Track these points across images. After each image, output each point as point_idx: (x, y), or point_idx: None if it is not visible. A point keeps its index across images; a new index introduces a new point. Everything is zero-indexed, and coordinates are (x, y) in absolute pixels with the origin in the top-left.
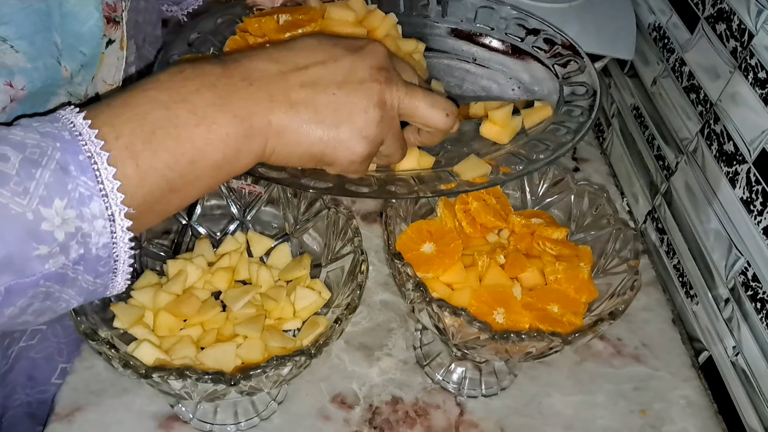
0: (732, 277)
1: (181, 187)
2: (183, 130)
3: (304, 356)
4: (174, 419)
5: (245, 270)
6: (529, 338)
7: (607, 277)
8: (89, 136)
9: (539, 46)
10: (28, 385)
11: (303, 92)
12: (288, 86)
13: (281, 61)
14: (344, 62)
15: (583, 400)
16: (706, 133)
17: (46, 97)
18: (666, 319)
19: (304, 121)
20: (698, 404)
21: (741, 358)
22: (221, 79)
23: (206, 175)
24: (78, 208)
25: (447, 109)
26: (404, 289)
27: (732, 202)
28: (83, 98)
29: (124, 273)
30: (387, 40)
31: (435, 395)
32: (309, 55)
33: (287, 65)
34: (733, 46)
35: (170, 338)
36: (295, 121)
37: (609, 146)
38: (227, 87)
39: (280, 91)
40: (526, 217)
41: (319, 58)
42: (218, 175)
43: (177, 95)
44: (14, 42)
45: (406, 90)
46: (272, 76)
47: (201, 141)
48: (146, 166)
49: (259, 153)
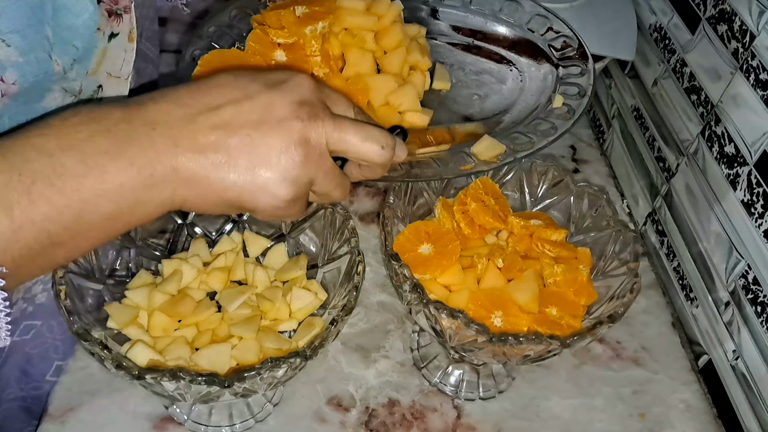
0: (732, 280)
1: (67, 240)
2: (68, 181)
3: (300, 358)
4: (168, 420)
5: (241, 270)
6: (527, 341)
7: (607, 279)
8: None
9: (553, 45)
10: (23, 380)
11: (213, 135)
12: (196, 129)
13: (189, 102)
14: (261, 100)
15: (582, 403)
16: (707, 134)
17: (40, 92)
18: (666, 322)
19: (214, 165)
20: (698, 408)
21: (741, 362)
22: (119, 124)
23: (97, 227)
24: None
25: (381, 142)
26: (401, 290)
27: (733, 205)
28: (77, 94)
29: (2, 329)
30: (393, 27)
31: (432, 398)
32: (222, 93)
33: (196, 107)
34: (735, 47)
35: (164, 339)
36: (205, 167)
37: (609, 147)
38: (125, 133)
39: (186, 135)
40: (525, 219)
41: (232, 97)
42: (114, 226)
43: (65, 142)
44: (6, 36)
45: (334, 125)
46: (178, 119)
47: (89, 192)
48: (22, 220)
49: (165, 202)
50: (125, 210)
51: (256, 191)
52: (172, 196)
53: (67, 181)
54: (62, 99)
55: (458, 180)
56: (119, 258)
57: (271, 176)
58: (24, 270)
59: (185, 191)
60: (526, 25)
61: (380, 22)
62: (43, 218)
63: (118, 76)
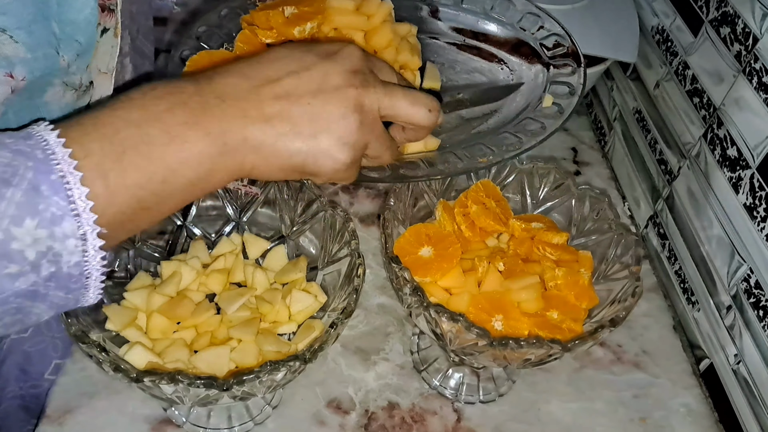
0: (734, 284)
1: (153, 205)
2: (154, 149)
3: (299, 361)
4: (167, 423)
5: (240, 272)
6: (528, 345)
7: (608, 283)
8: (63, 155)
9: (544, 43)
10: (21, 378)
11: (277, 105)
12: (261, 100)
13: (252, 75)
14: (317, 70)
15: (582, 407)
16: (709, 137)
17: (42, 87)
18: (667, 326)
19: (280, 134)
20: (699, 412)
21: (743, 366)
22: (193, 97)
23: (179, 192)
24: (49, 228)
25: (428, 105)
26: (401, 293)
27: (735, 208)
28: (77, 87)
29: (96, 288)
30: (383, 27)
31: (432, 401)
32: (280, 66)
33: (259, 79)
34: (738, 49)
35: (163, 341)
36: (272, 136)
37: (610, 150)
38: (200, 105)
39: (253, 106)
40: (526, 221)
41: (291, 68)
42: (192, 192)
43: (149, 114)
44: (13, 32)
45: (384, 91)
46: (244, 91)
47: (173, 159)
48: (116, 185)
49: (235, 169)
50: (203, 176)
51: (319, 156)
52: (243, 163)
53: (153, 149)
54: (63, 93)
55: (459, 182)
56: (118, 259)
57: (332, 141)
58: (115, 233)
59: (254, 158)
60: (517, 24)
61: (370, 21)
62: (134, 184)
63: (106, 72)
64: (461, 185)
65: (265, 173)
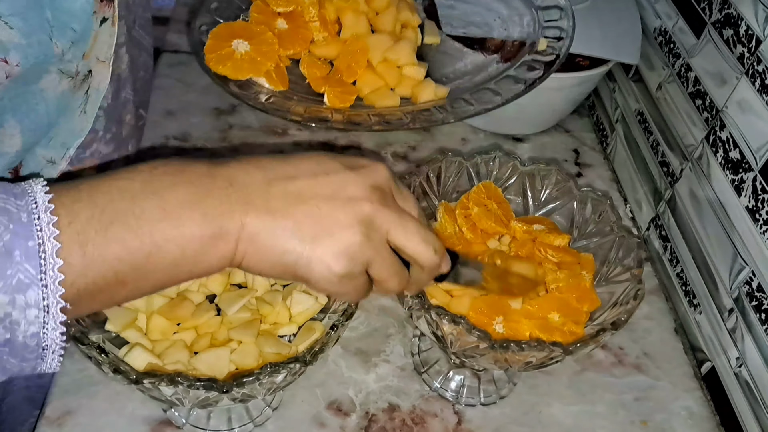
0: (736, 287)
1: (131, 281)
2: (144, 223)
3: (299, 363)
4: (166, 424)
5: (241, 273)
6: (530, 348)
7: (610, 285)
8: (47, 222)
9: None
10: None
11: (284, 201)
12: (269, 192)
13: (270, 168)
14: (337, 177)
15: (583, 410)
16: (712, 140)
17: (37, 74)
18: (668, 329)
19: (279, 228)
20: (700, 416)
21: (744, 369)
22: (202, 178)
23: (161, 271)
24: (12, 295)
25: (436, 246)
26: (402, 295)
27: (737, 211)
28: (74, 75)
29: (55, 359)
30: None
31: (432, 403)
32: (301, 166)
33: (275, 173)
34: (740, 51)
35: (163, 342)
36: (270, 228)
37: (612, 152)
38: (206, 187)
39: (259, 196)
40: (527, 224)
41: (310, 170)
42: (176, 274)
43: (149, 188)
44: (8, 18)
45: (400, 216)
46: (256, 181)
47: (160, 236)
48: (94, 256)
49: (227, 256)
50: (190, 258)
51: (313, 259)
52: (234, 252)
53: (143, 224)
54: (59, 80)
55: (460, 184)
56: None
57: (330, 248)
58: (84, 304)
59: (247, 248)
60: None
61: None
62: (114, 257)
63: (104, 61)
64: (463, 187)
65: (256, 267)
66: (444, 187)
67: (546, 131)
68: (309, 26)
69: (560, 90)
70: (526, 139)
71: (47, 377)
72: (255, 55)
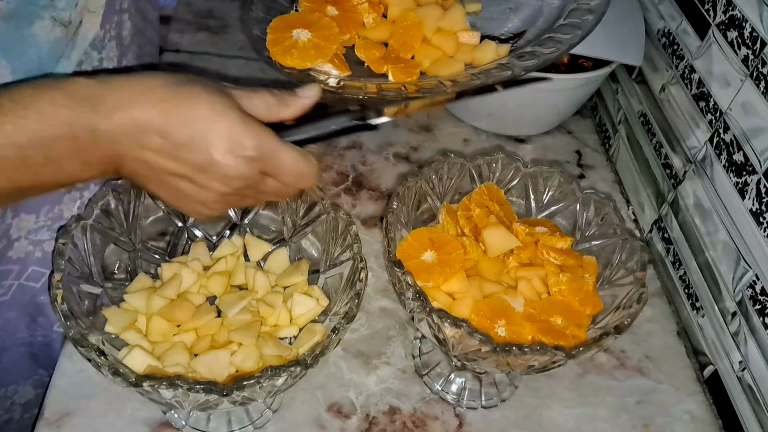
0: (740, 290)
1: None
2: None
3: (300, 366)
4: (166, 426)
5: (241, 275)
6: (532, 351)
7: (613, 288)
8: None
9: None
10: (32, 326)
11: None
12: (150, 166)
13: (180, 160)
14: (223, 188)
15: (585, 413)
16: (716, 142)
17: (29, 18)
18: (671, 332)
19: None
20: (702, 419)
21: (747, 373)
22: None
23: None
24: None
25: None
26: (404, 297)
27: (741, 214)
28: (66, 24)
29: None
30: None
31: (433, 406)
32: (214, 176)
33: (166, 147)
34: (745, 53)
35: (163, 344)
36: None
37: (615, 153)
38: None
39: (129, 149)
40: (530, 226)
41: (191, 172)
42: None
43: (36, 91)
44: None
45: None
46: (149, 161)
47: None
48: None
49: (103, 160)
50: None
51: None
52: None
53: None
54: (51, 27)
55: (462, 185)
56: (118, 261)
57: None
58: None
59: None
60: None
61: None
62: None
63: (94, 11)
64: (465, 188)
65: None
66: (446, 189)
67: (548, 132)
68: (358, 9)
69: (563, 91)
70: (528, 140)
71: (52, 337)
72: (318, 41)
